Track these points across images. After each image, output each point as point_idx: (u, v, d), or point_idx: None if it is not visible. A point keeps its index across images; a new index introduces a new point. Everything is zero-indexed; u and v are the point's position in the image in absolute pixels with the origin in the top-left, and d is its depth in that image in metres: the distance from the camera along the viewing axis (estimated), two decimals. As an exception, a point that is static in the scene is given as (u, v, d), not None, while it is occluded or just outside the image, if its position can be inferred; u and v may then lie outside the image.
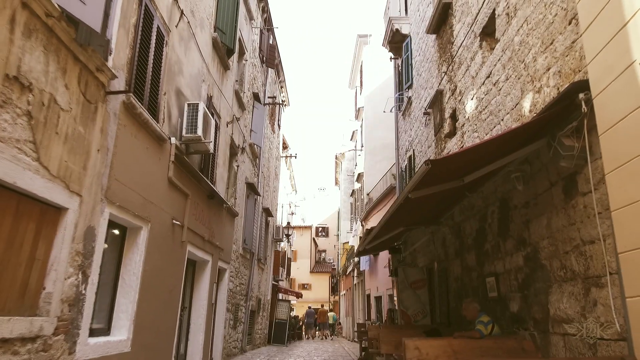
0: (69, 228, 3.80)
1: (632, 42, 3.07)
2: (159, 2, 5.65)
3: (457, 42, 7.97)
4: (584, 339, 3.81)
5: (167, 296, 6.19)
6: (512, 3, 5.69)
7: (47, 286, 3.62)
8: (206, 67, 7.76)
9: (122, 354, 4.87)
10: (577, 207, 4.04)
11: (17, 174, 3.14)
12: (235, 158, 10.59)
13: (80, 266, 4.01)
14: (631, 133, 3.04)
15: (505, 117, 5.75)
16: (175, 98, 6.30)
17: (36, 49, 3.30)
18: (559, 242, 4.35)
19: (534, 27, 5.03)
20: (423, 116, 10.43)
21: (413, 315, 9.05)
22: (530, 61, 5.11)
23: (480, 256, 6.56)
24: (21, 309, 3.38)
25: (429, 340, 4.76)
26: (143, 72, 5.18)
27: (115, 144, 4.54)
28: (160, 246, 5.81)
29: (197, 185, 7.29)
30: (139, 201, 5.12)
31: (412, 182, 4.40)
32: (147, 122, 5.14)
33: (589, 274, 3.83)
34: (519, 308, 5.23)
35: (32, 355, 3.41)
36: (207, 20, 7.85)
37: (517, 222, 5.34)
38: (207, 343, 8.46)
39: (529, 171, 4.98)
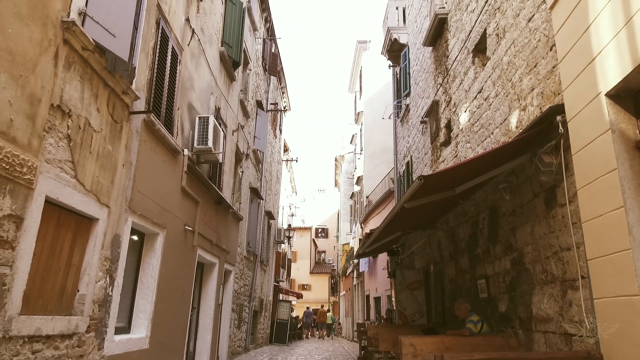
0: (99, 236, 4.24)
1: (598, 76, 3.51)
2: (173, 24, 6.08)
3: (452, 56, 8.41)
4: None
5: (180, 297, 6.62)
6: (501, 25, 6.13)
7: (80, 289, 4.06)
8: (214, 80, 8.20)
9: (142, 350, 5.30)
10: (556, 216, 4.48)
11: (60, 190, 3.57)
12: (240, 164, 11.03)
13: (108, 270, 4.45)
14: (596, 156, 3.49)
15: (495, 131, 6.19)
16: (187, 112, 6.73)
17: (74, 79, 3.74)
18: (540, 248, 4.79)
19: (520, 49, 5.47)
20: (420, 124, 10.86)
21: (410, 315, 9.48)
22: (517, 81, 5.55)
23: (472, 259, 7.00)
24: (59, 310, 3.82)
25: (423, 338, 5.20)
26: (160, 91, 5.61)
27: (137, 158, 4.97)
28: (174, 251, 6.25)
29: (206, 192, 7.73)
30: (156, 210, 5.56)
31: (407, 193, 4.84)
32: (164, 137, 5.58)
33: (565, 278, 4.27)
34: (507, 308, 5.67)
35: (69, 350, 3.84)
36: (215, 35, 8.29)
37: (505, 229, 5.78)
38: (214, 342, 8.89)
39: (515, 182, 5.42)
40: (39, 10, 3.29)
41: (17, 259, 3.13)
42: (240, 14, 9.43)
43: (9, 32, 2.97)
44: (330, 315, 29.00)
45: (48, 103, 3.39)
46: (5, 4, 2.95)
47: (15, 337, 3.15)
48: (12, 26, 3.00)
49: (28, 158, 3.17)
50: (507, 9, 5.96)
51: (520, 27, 5.51)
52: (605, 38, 3.41)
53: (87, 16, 3.77)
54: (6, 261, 3.03)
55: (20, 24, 3.08)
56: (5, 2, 2.94)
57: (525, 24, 5.35)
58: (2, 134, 2.93)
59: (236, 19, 9.25)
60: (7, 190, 3.00)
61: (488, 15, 6.63)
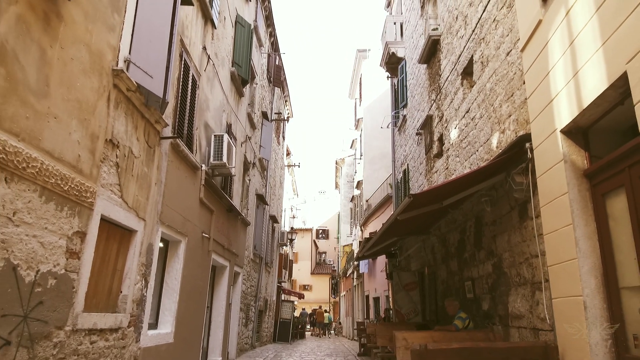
0: (137, 245, 4.99)
1: (555, 114, 4.26)
2: (192, 53, 6.83)
3: (444, 75, 9.15)
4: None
5: (198, 297, 7.37)
6: (485, 54, 6.87)
7: (123, 290, 4.81)
8: (226, 98, 8.95)
9: (168, 344, 6.06)
10: (527, 228, 5.23)
11: (110, 209, 4.32)
12: (247, 173, 11.78)
13: (143, 274, 5.20)
14: (554, 180, 4.23)
15: (480, 149, 6.93)
16: (204, 130, 7.48)
17: (121, 115, 4.49)
18: (515, 255, 5.53)
19: (500, 79, 6.22)
20: (416, 135, 11.60)
21: (406, 314, 10.23)
22: (497, 106, 6.30)
23: (461, 263, 7.74)
24: (108, 308, 4.57)
25: (414, 332, 5.95)
26: (183, 115, 6.37)
27: (166, 176, 5.73)
28: (193, 256, 7.00)
29: (219, 202, 8.48)
30: (180, 220, 6.31)
31: (399, 208, 5.59)
32: (187, 156, 6.33)
33: (534, 281, 5.01)
34: (489, 307, 6.42)
35: (115, 342, 4.59)
36: (227, 57, 9.04)
37: (487, 237, 6.53)
38: (225, 338, 9.64)
39: (495, 196, 6.17)
40: (97, 64, 4.04)
41: (81, 267, 3.88)
42: (248, 35, 10.18)
43: (77, 85, 3.72)
44: (328, 315, 30.10)
45: (103, 138, 4.15)
46: (75, 63, 3.70)
47: (79, 330, 3.90)
48: (79, 80, 3.75)
49: (90, 185, 3.93)
50: (490, 41, 6.70)
51: (500, 58, 6.26)
52: (560, 84, 4.16)
53: (131, 63, 4.52)
54: (75, 268, 3.78)
55: (84, 77, 3.83)
56: (75, 62, 3.69)
57: (505, 57, 6.09)
58: (72, 167, 3.68)
59: (245, 39, 10.00)
60: (76, 212, 3.75)
61: (475, 43, 7.37)
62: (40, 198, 3.27)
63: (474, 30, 7.38)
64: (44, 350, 3.41)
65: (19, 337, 3.13)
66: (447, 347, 4.01)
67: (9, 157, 2.92)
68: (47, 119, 3.32)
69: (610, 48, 3.37)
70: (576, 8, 3.86)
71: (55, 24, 3.41)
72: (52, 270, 3.47)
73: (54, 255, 3.48)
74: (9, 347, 3.03)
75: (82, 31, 3.77)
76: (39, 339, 3.34)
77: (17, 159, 2.99)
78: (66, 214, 3.61)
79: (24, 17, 3.06)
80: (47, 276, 3.41)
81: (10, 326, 3.04)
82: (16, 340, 3.10)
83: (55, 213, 3.46)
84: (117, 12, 4.38)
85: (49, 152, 3.36)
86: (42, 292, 3.35)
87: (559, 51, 4.17)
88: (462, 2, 8.10)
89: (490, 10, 6.69)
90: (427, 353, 3.93)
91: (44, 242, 3.35)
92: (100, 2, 4.06)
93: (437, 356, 3.96)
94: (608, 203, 3.81)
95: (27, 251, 3.17)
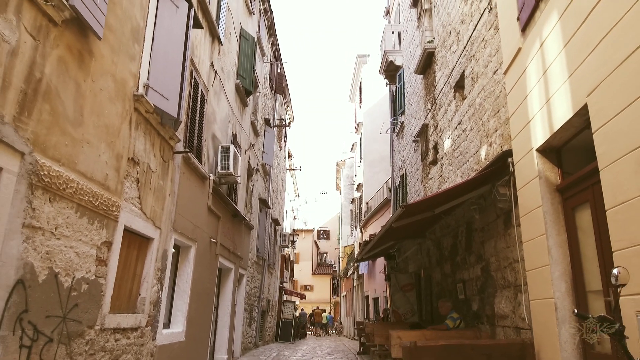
0: (154, 252, 5.47)
1: (532, 134, 4.73)
2: (201, 70, 7.30)
3: (439, 87, 9.62)
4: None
5: (206, 298, 7.86)
6: (475, 71, 7.33)
7: (141, 293, 5.29)
8: (231, 109, 9.43)
9: (180, 342, 6.54)
10: (511, 235, 5.69)
11: (132, 220, 4.80)
12: (251, 178, 12.26)
13: (159, 278, 5.68)
14: (530, 194, 4.70)
15: (470, 159, 7.40)
16: (211, 142, 7.96)
17: (140, 135, 4.97)
18: (501, 259, 6.00)
19: (488, 95, 6.68)
20: (413, 142, 12.07)
21: (403, 314, 10.70)
22: (485, 120, 6.76)
23: (453, 266, 8.21)
24: (128, 309, 5.05)
25: (408, 331, 6.43)
26: (193, 129, 6.85)
27: (178, 187, 6.21)
28: (202, 259, 7.48)
29: (226, 208, 8.96)
30: (190, 227, 6.79)
31: (394, 217, 6.06)
32: (197, 168, 6.82)
33: (516, 284, 5.48)
34: (478, 307, 6.89)
35: (135, 340, 5.07)
36: (232, 70, 9.52)
37: (477, 242, 6.99)
38: (230, 337, 10.12)
39: (483, 204, 6.64)
40: (121, 91, 4.52)
41: (108, 273, 4.36)
42: (252, 47, 10.66)
43: (105, 112, 4.20)
44: (325, 315, 30.96)
45: (126, 157, 4.63)
46: (104, 92, 4.18)
47: (106, 329, 4.38)
48: (107, 107, 4.23)
49: (115, 200, 4.41)
50: (479, 58, 7.16)
51: (488, 76, 6.72)
52: (536, 108, 4.63)
53: (149, 87, 5.00)
54: (103, 274, 4.26)
55: (111, 104, 4.31)
56: (103, 92, 4.17)
57: (492, 75, 6.56)
58: (101, 185, 4.16)
59: (249, 52, 10.47)
60: (104, 224, 4.23)
61: (466, 59, 7.83)
62: (76, 214, 3.75)
63: (465, 47, 7.84)
64: (78, 347, 3.89)
65: (59, 335, 3.61)
66: (434, 344, 4.49)
67: (52, 180, 3.40)
68: (82, 145, 3.81)
69: (575, 81, 3.84)
70: (548, 42, 4.33)
71: (88, 60, 3.89)
72: (85, 276, 3.95)
73: (87, 263, 3.96)
74: (52, 344, 3.52)
75: (109, 64, 4.25)
76: (74, 337, 3.83)
77: (58, 181, 3.47)
78: (96, 226, 4.09)
79: (64, 58, 3.54)
80: (81, 282, 3.89)
81: (52, 326, 3.52)
82: (57, 338, 3.58)
83: (87, 226, 3.94)
84: (137, 42, 4.86)
85: (83, 173, 3.84)
86: (77, 295, 3.83)
87: (535, 78, 4.64)
88: (455, 19, 8.56)
89: (480, 29, 7.15)
90: (416, 350, 4.40)
91: (79, 252, 3.83)
92: (124, 35, 4.54)
93: (425, 352, 4.43)
94: (577, 216, 4.28)
95: (66, 260, 3.65)
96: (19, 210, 3.08)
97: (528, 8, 4.72)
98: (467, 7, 7.79)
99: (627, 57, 3.13)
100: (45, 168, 3.31)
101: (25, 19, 3.10)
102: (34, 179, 3.21)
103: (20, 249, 3.12)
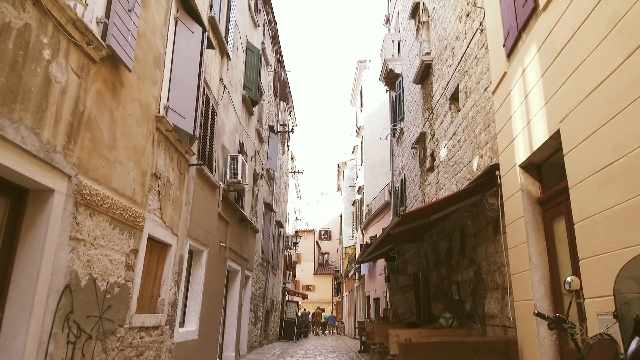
0: (171, 257, 5.98)
1: (515, 152, 5.22)
2: (212, 86, 7.81)
3: (435, 97, 10.11)
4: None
5: (217, 299, 8.37)
6: (468, 86, 7.83)
7: (161, 294, 5.80)
8: (238, 119, 9.94)
9: (194, 340, 7.05)
10: (499, 241, 6.19)
11: (154, 229, 5.32)
12: (256, 184, 12.77)
13: (176, 281, 6.19)
14: (514, 205, 5.20)
15: (463, 169, 7.90)
16: (220, 152, 8.47)
17: (161, 152, 5.48)
18: (490, 264, 6.50)
19: (480, 110, 7.18)
20: (411, 149, 12.57)
21: (402, 314, 11.20)
22: (477, 133, 7.26)
23: (449, 268, 8.71)
24: (150, 309, 5.56)
25: (405, 329, 6.93)
26: (205, 141, 7.35)
27: (193, 197, 6.72)
28: (213, 263, 7.99)
29: (234, 214, 9.47)
30: (203, 233, 7.30)
31: (391, 225, 6.56)
32: (208, 178, 7.33)
33: (504, 286, 5.98)
34: (470, 307, 7.39)
35: (156, 337, 5.59)
36: (239, 83, 10.03)
37: (470, 247, 7.49)
38: (237, 336, 10.63)
39: (475, 212, 7.14)
40: (145, 114, 5.03)
41: (134, 277, 4.87)
42: (257, 59, 11.17)
43: (133, 134, 4.71)
44: (325, 315, 31.90)
45: (150, 173, 5.14)
46: (132, 117, 4.69)
47: (133, 327, 4.89)
48: (134, 130, 4.75)
49: (141, 212, 4.92)
50: (472, 75, 7.66)
51: (479, 92, 7.21)
52: (519, 128, 5.12)
53: (169, 108, 5.51)
54: (130, 278, 4.77)
55: (137, 127, 4.83)
56: (131, 116, 4.68)
57: (483, 91, 7.05)
58: (130, 199, 4.68)
59: (255, 64, 10.98)
60: (132, 234, 4.75)
61: (460, 74, 8.33)
62: (110, 226, 4.26)
63: (460, 62, 8.33)
64: (111, 343, 4.40)
65: (97, 332, 4.13)
66: (426, 341, 4.99)
67: (92, 198, 3.91)
68: (115, 165, 4.32)
69: (550, 108, 4.34)
70: (529, 70, 4.82)
71: (119, 89, 4.41)
72: (117, 280, 4.46)
73: (118, 269, 4.48)
74: (91, 341, 4.03)
75: (136, 91, 4.76)
76: (108, 334, 4.34)
77: (97, 198, 3.99)
78: (125, 236, 4.60)
79: (101, 91, 4.06)
80: (114, 285, 4.41)
81: (91, 324, 4.03)
82: (95, 335, 4.10)
83: (119, 236, 4.45)
84: (159, 68, 5.37)
85: (115, 189, 4.35)
86: (110, 298, 4.35)
87: (518, 101, 5.14)
88: (451, 35, 9.06)
89: (473, 47, 7.64)
90: (411, 345, 4.90)
91: (112, 259, 4.35)
92: (147, 63, 5.05)
93: (419, 348, 4.93)
94: (555, 226, 4.78)
95: (102, 267, 4.17)
96: (66, 225, 3.60)
97: (512, 37, 5.22)
98: (462, 24, 8.28)
99: (592, 91, 3.63)
100: (87, 188, 3.83)
101: (72, 61, 3.61)
102: (78, 198, 3.72)
103: (67, 258, 3.63)
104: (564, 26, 4.03)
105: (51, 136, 3.36)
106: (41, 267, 3.31)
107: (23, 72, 3.05)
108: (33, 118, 3.16)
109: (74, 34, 3.54)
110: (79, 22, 3.53)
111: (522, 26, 4.94)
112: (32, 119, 3.15)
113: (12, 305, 3.24)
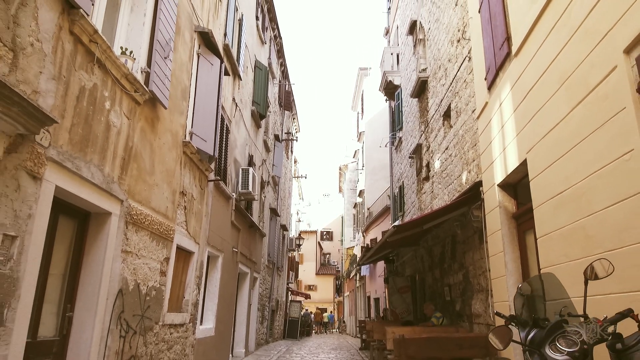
0: (194, 263, 6.79)
1: (494, 172, 6.02)
2: (225, 106, 8.61)
3: (430, 112, 10.89)
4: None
5: (229, 300, 9.19)
6: (458, 106, 8.62)
7: (185, 296, 6.62)
8: (248, 133, 10.75)
9: (211, 337, 7.87)
10: (483, 249, 6.98)
11: (181, 239, 6.13)
12: (263, 191, 13.59)
13: (198, 284, 7.01)
14: (494, 219, 6.00)
15: (454, 182, 8.69)
16: (233, 165, 9.29)
17: (187, 172, 6.30)
18: (477, 268, 7.30)
19: (468, 129, 7.96)
20: (409, 158, 13.36)
21: (400, 314, 12.01)
22: (466, 150, 8.05)
23: (442, 271, 9.51)
24: (176, 309, 6.38)
25: (401, 327, 7.73)
26: (220, 157, 8.16)
27: (211, 209, 7.53)
28: (227, 266, 8.80)
29: (244, 221, 10.29)
30: (219, 240, 8.12)
31: (387, 234, 7.36)
32: (223, 190, 8.14)
33: (487, 288, 6.77)
34: (460, 308, 8.18)
35: (182, 334, 6.40)
36: (249, 99, 10.84)
37: (460, 252, 8.29)
38: (246, 334, 11.45)
39: (464, 221, 7.93)
40: (175, 141, 5.84)
41: (167, 282, 5.69)
42: (265, 75, 11.97)
43: (166, 160, 5.53)
44: (326, 315, 32.85)
45: (178, 191, 5.95)
46: (165, 145, 5.50)
47: (165, 325, 5.71)
48: (167, 156, 5.56)
49: (171, 225, 5.74)
50: (462, 96, 8.44)
51: (468, 113, 8.00)
52: (497, 152, 5.92)
53: (194, 134, 6.32)
54: (163, 283, 5.59)
55: (169, 152, 5.64)
56: (165, 145, 5.49)
57: (471, 113, 7.84)
58: (164, 215, 5.49)
59: (262, 80, 11.79)
60: (165, 245, 5.56)
61: (452, 94, 9.11)
62: (149, 239, 5.08)
63: (451, 83, 9.12)
64: (149, 337, 5.22)
65: (140, 328, 4.94)
66: (418, 337, 5.80)
67: (137, 217, 4.73)
68: (153, 188, 5.14)
69: (520, 139, 5.13)
70: (504, 104, 5.62)
71: (156, 124, 5.22)
72: (154, 285, 5.28)
73: (155, 275, 5.29)
74: (135, 335, 4.84)
75: (168, 122, 5.57)
76: (147, 330, 5.16)
77: (140, 217, 4.80)
78: (160, 247, 5.42)
79: (144, 128, 4.87)
80: (152, 289, 5.22)
81: (136, 322, 4.85)
82: (138, 331, 4.91)
83: (155, 247, 5.27)
84: (185, 99, 6.18)
85: (153, 208, 5.17)
86: (149, 299, 5.16)
87: (497, 129, 5.93)
88: (444, 56, 9.84)
89: (462, 71, 8.42)
90: (404, 341, 5.70)
91: (150, 267, 5.16)
92: (176, 97, 5.86)
93: (412, 343, 5.73)
94: (527, 238, 5.57)
95: (143, 274, 4.98)
96: (120, 240, 4.41)
97: (492, 73, 6.01)
98: (453, 48, 9.07)
99: (548, 132, 4.42)
100: (134, 209, 4.64)
101: (124, 106, 4.43)
102: (127, 218, 4.53)
103: (120, 267, 4.45)
104: (530, 73, 4.83)
105: (110, 170, 4.18)
106: (102, 276, 4.12)
107: (92, 122, 3.86)
108: (99, 157, 3.97)
109: (126, 85, 4.35)
110: (130, 76, 4.34)
111: (499, 66, 5.73)
112: (98, 158, 3.97)
113: (80, 307, 4.05)
